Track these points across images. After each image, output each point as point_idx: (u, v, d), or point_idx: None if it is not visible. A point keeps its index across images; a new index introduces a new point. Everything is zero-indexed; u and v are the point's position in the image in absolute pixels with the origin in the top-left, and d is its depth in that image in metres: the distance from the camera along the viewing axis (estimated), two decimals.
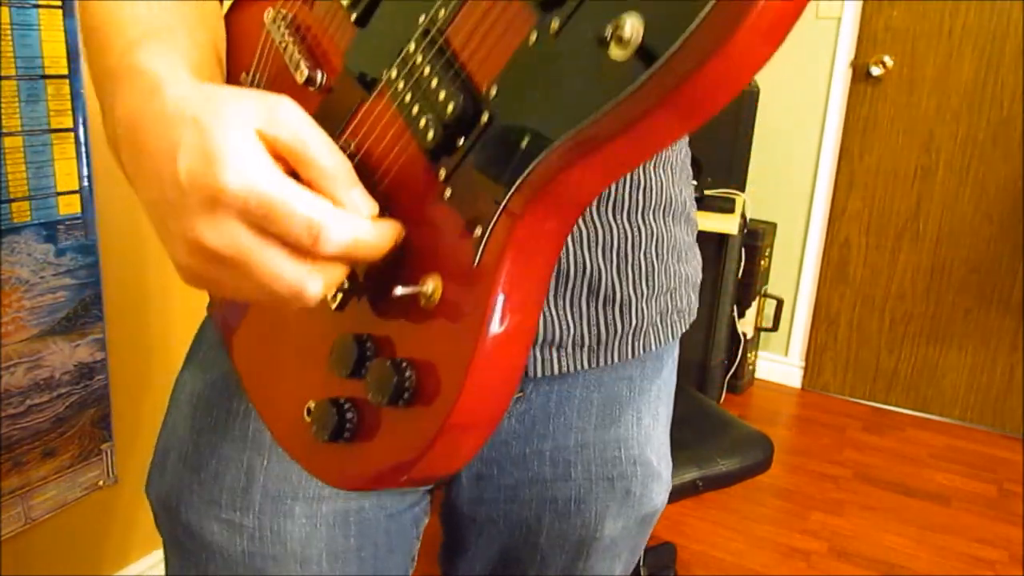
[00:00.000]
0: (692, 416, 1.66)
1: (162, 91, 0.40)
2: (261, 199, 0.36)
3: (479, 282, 0.37)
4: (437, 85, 0.38)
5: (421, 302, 0.39)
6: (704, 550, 2.01)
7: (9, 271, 1.28)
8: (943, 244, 2.71)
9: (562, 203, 0.37)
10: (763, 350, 3.02)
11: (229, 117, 0.37)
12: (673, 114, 0.30)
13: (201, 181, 0.36)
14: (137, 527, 1.63)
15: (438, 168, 0.39)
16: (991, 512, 2.25)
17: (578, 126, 0.32)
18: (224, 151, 0.36)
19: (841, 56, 2.70)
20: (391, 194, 0.41)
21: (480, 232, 0.37)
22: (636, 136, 0.32)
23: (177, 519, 0.60)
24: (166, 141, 0.38)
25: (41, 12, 1.26)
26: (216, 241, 0.37)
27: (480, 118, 0.37)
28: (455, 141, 0.38)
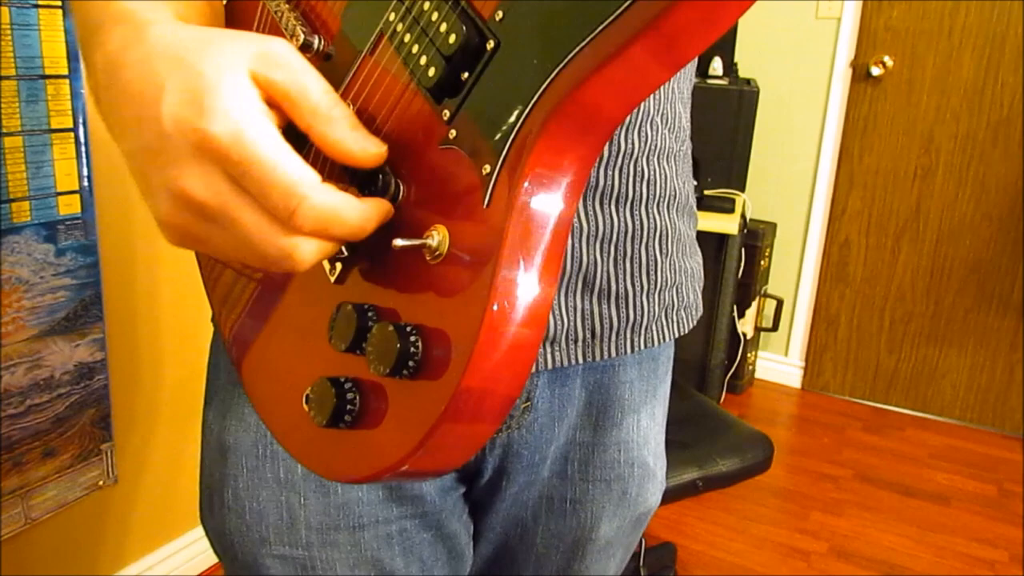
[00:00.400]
0: (692, 416, 1.66)
1: (147, 32, 0.37)
2: (244, 153, 0.34)
3: (490, 226, 0.34)
4: (438, 18, 0.36)
5: (427, 257, 0.37)
6: (704, 550, 2.01)
7: (9, 271, 1.28)
8: (943, 244, 2.71)
9: (579, 131, 0.34)
10: (763, 350, 3.02)
11: (220, 57, 0.35)
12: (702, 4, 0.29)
13: (185, 125, 0.34)
14: (137, 527, 1.63)
15: (441, 110, 0.37)
16: (991, 512, 2.25)
17: (601, 26, 0.30)
18: (212, 94, 0.34)
19: (841, 56, 2.70)
20: (393, 146, 0.39)
21: (489, 168, 0.34)
22: (661, 35, 0.29)
23: (234, 555, 0.62)
24: (150, 84, 0.35)
25: (41, 12, 1.26)
26: (200, 191, 0.35)
27: (486, 46, 0.35)
28: (459, 75, 0.36)
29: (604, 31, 0.30)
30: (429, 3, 0.37)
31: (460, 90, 0.36)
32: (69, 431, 1.43)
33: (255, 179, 0.34)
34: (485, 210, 0.34)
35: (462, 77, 0.36)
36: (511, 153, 0.34)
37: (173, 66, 0.35)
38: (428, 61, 0.37)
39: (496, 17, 0.34)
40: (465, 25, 0.35)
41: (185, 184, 0.35)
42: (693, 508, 2.13)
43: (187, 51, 0.35)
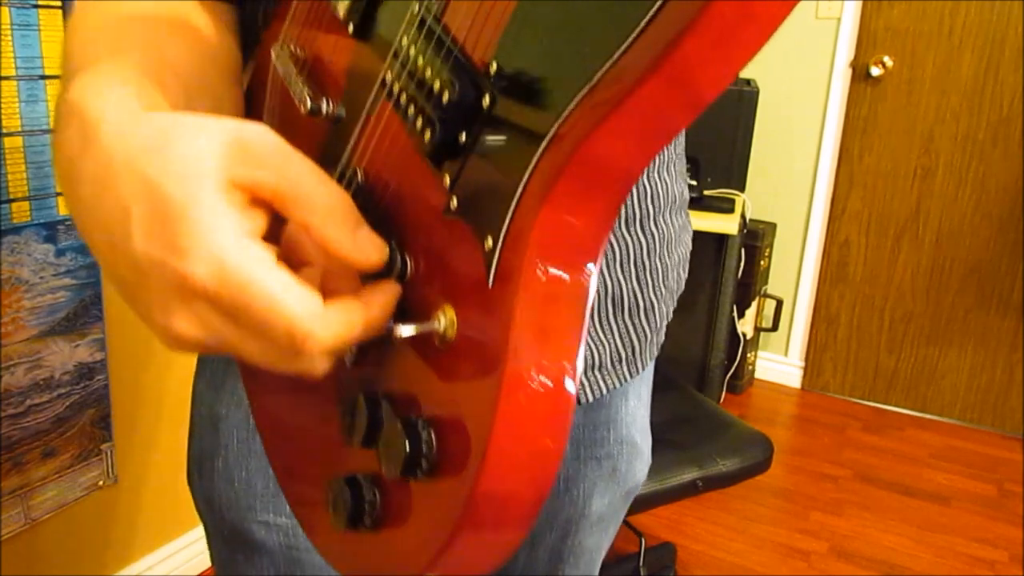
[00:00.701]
0: (692, 416, 1.66)
1: (98, 133, 0.32)
2: (232, 294, 0.29)
3: (497, 309, 0.30)
4: (432, 75, 0.33)
5: (436, 342, 0.33)
6: (704, 550, 2.01)
7: (9, 271, 1.28)
8: (943, 244, 2.71)
9: (591, 190, 0.30)
10: (763, 350, 3.02)
11: (186, 168, 0.30)
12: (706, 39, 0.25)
13: (161, 269, 0.30)
14: (137, 527, 1.63)
15: (443, 175, 0.33)
16: (991, 512, 2.25)
17: (598, 73, 0.26)
18: (184, 225, 0.29)
19: (841, 56, 2.70)
20: (398, 219, 0.35)
21: (491, 242, 0.30)
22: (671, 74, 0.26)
23: (222, 519, 0.64)
24: (115, 209, 0.31)
25: (41, 12, 1.26)
26: (193, 332, 0.31)
27: (481, 102, 0.31)
28: (457, 137, 0.32)
29: (607, 74, 0.26)
30: (422, 58, 0.34)
31: (459, 153, 0.32)
32: (69, 431, 1.43)
33: (251, 319, 0.30)
34: (491, 290, 0.30)
35: (460, 139, 0.32)
36: (514, 224, 0.29)
37: (134, 185, 0.30)
38: (424, 123, 0.33)
39: (491, 69, 0.31)
40: (458, 81, 0.31)
41: (176, 326, 0.31)
42: (693, 508, 2.13)
43: (147, 163, 0.30)
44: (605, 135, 0.27)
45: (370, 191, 0.37)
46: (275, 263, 0.31)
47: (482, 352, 0.30)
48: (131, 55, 0.40)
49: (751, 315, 2.76)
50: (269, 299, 0.30)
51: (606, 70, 0.26)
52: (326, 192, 0.32)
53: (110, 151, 0.31)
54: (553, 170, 0.28)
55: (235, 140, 0.31)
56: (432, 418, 0.33)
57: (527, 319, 0.29)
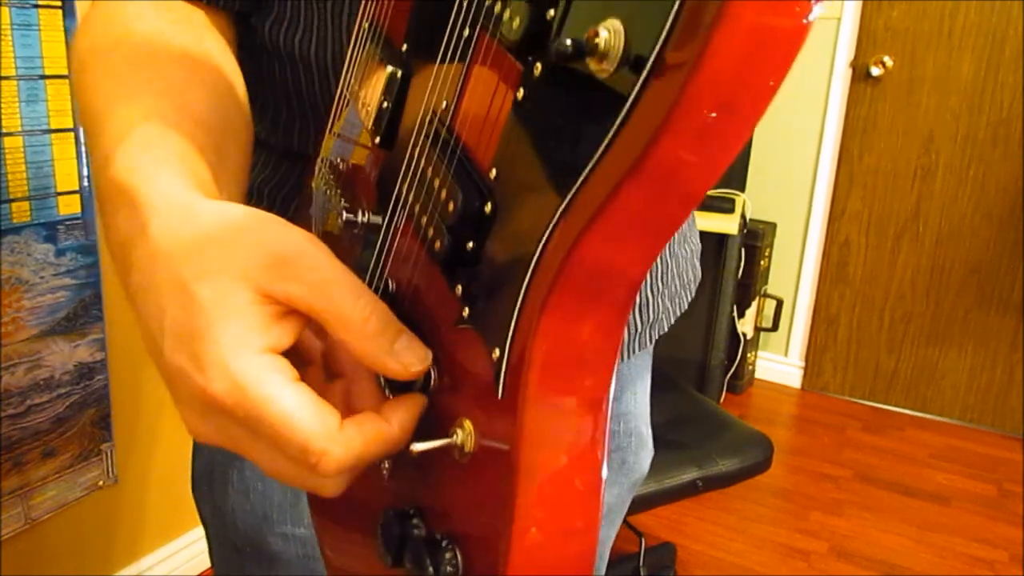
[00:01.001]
0: (692, 416, 1.66)
1: (148, 227, 0.33)
2: (248, 412, 0.30)
3: (508, 422, 0.29)
4: (439, 185, 0.33)
5: (455, 456, 0.32)
6: (704, 550, 2.01)
7: (9, 271, 1.28)
8: (943, 244, 2.71)
9: (591, 296, 0.29)
10: (763, 350, 3.02)
11: (222, 277, 0.30)
12: (683, 138, 0.25)
13: (186, 378, 0.31)
14: (137, 527, 1.63)
15: (454, 285, 0.32)
16: (991, 512, 2.25)
17: (582, 174, 0.26)
18: (207, 341, 0.30)
19: (841, 56, 2.70)
20: (421, 329, 0.35)
21: (499, 353, 0.29)
22: (650, 178, 0.25)
23: (236, 530, 0.62)
24: (154, 307, 0.32)
25: (41, 12, 1.26)
26: (212, 436, 0.32)
27: (484, 210, 0.31)
28: (464, 245, 0.31)
29: (591, 176, 0.26)
30: (431, 169, 0.34)
31: (468, 262, 0.32)
32: (69, 431, 1.43)
33: (267, 436, 0.30)
34: (501, 402, 0.30)
35: (467, 247, 0.31)
36: (518, 334, 0.29)
37: (171, 286, 0.31)
38: (434, 232, 0.33)
39: (492, 175, 0.31)
40: (463, 189, 0.31)
41: (197, 426, 0.32)
42: (693, 508, 2.13)
43: (186, 267, 0.31)
44: (597, 240, 0.27)
45: (399, 301, 0.37)
46: (293, 380, 0.31)
47: (499, 468, 0.30)
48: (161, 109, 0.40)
49: (751, 315, 2.76)
50: (284, 417, 0.30)
51: (588, 173, 0.26)
52: (361, 306, 0.31)
53: (156, 247, 0.32)
54: (549, 277, 0.28)
55: (273, 251, 0.31)
56: (459, 535, 0.32)
57: (535, 433, 0.29)
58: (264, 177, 0.59)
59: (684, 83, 0.23)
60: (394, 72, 0.39)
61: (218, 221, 0.32)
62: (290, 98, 0.55)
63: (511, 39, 0.29)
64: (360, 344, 0.32)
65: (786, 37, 0.24)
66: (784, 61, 0.24)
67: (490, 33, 0.31)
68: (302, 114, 0.55)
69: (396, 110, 0.39)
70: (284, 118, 0.56)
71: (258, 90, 0.56)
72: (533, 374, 0.28)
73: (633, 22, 0.24)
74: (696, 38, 0.22)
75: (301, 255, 0.31)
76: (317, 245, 0.32)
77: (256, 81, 0.56)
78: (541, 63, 0.28)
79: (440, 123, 0.34)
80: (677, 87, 0.23)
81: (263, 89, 0.55)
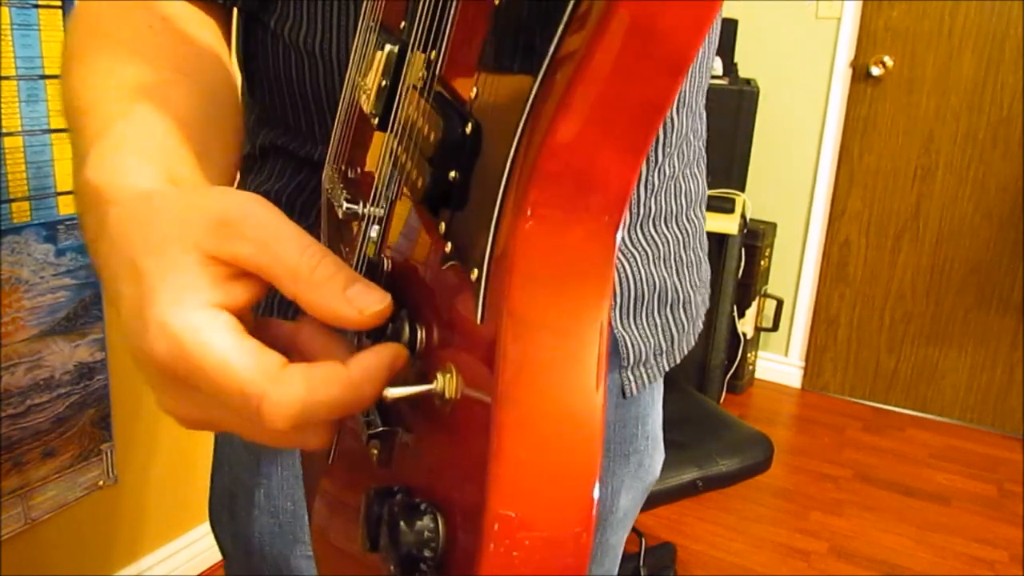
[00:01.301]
0: (692, 416, 1.66)
1: (107, 217, 0.33)
2: (189, 367, 0.29)
3: (487, 349, 0.26)
4: (423, 124, 0.31)
5: (437, 405, 0.29)
6: (704, 550, 2.01)
7: (9, 271, 1.28)
8: (943, 244, 2.71)
9: (574, 196, 0.26)
10: (763, 350, 3.02)
11: (165, 244, 0.30)
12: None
13: (139, 354, 0.30)
14: (137, 527, 1.63)
15: (438, 223, 0.30)
16: (991, 512, 2.25)
17: (551, 44, 0.24)
18: (150, 309, 0.29)
19: (841, 56, 2.70)
20: (410, 289, 0.33)
21: (477, 271, 0.26)
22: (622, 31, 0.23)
23: (262, 560, 0.60)
24: (116, 289, 0.32)
25: (41, 12, 1.26)
26: (180, 410, 0.32)
27: (465, 130, 0.29)
28: (447, 175, 0.29)
29: (560, 44, 0.24)
30: (415, 109, 0.33)
31: (451, 194, 0.30)
32: (69, 431, 1.43)
33: (208, 390, 0.29)
34: (482, 330, 0.26)
35: (450, 177, 0.29)
36: (497, 245, 0.26)
37: (124, 269, 0.31)
38: (417, 172, 0.31)
39: (471, 95, 0.29)
40: (443, 117, 0.30)
41: (163, 401, 0.32)
42: (693, 508, 2.13)
43: (133, 244, 0.31)
44: (572, 121, 0.24)
45: (393, 275, 0.35)
46: (234, 330, 0.30)
47: (479, 409, 0.26)
48: (142, 107, 0.40)
49: (751, 315, 2.76)
50: (219, 362, 0.29)
51: (558, 40, 0.24)
52: (308, 255, 0.30)
53: (113, 234, 0.32)
54: (526, 175, 0.25)
55: (217, 215, 0.30)
56: (441, 500, 0.28)
57: (518, 353, 0.25)
58: (281, 185, 0.59)
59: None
60: (391, 50, 0.39)
61: (169, 199, 0.32)
62: (307, 98, 0.55)
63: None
64: (310, 294, 0.30)
65: None
66: None
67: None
68: (319, 113, 0.55)
69: (393, 86, 0.38)
70: (301, 120, 0.56)
71: (272, 91, 0.56)
72: (514, 283, 0.25)
73: None
74: None
75: (245, 216, 0.30)
76: (263, 204, 0.31)
77: (269, 81, 0.56)
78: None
79: (431, 74, 0.33)
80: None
81: (277, 89, 0.55)
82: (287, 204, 0.58)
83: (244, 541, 0.61)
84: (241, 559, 0.62)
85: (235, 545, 0.62)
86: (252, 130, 0.60)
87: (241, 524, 0.60)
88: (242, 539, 0.61)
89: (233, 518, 0.61)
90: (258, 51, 0.56)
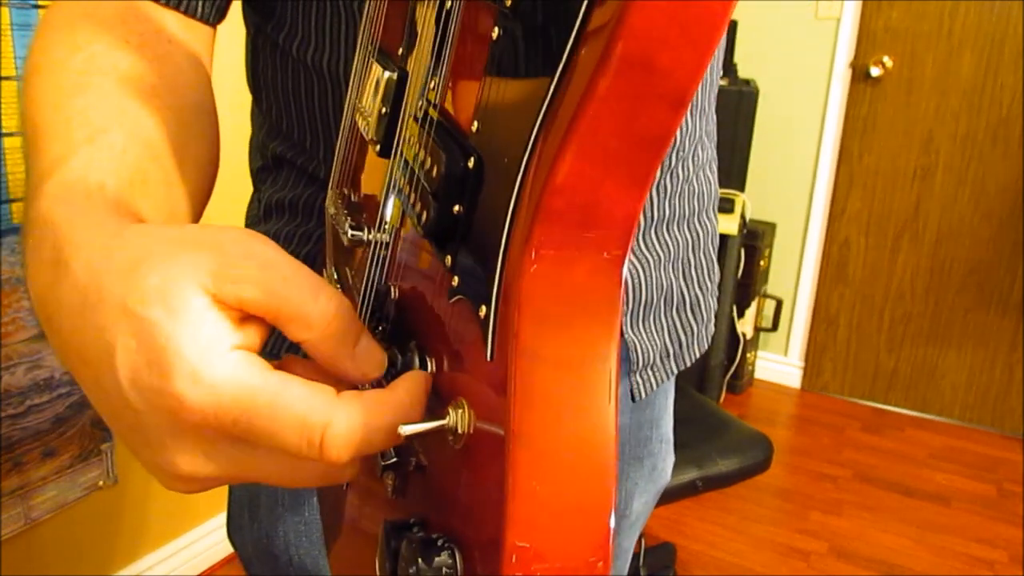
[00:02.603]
0: (692, 416, 1.66)
1: (71, 263, 0.29)
2: (234, 414, 0.27)
3: (498, 386, 0.26)
4: (425, 158, 0.31)
5: (450, 441, 0.29)
6: (703, 550, 2.01)
7: (9, 271, 1.28)
8: (943, 244, 2.71)
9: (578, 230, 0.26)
10: (763, 350, 3.02)
11: (168, 293, 0.27)
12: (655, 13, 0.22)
13: (153, 402, 0.27)
14: (137, 527, 1.63)
15: (444, 256, 0.30)
16: (991, 512, 2.25)
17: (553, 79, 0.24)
18: (173, 352, 0.27)
19: (840, 56, 2.70)
20: (418, 321, 0.33)
21: (486, 309, 0.27)
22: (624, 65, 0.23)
23: (288, 563, 0.58)
24: (94, 341, 0.28)
25: (41, 12, 1.26)
26: (197, 467, 0.28)
27: (468, 165, 0.29)
28: (451, 210, 0.29)
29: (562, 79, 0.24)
30: (418, 143, 0.32)
31: (456, 228, 0.29)
32: (69, 431, 1.43)
33: (262, 433, 0.27)
34: (493, 367, 0.26)
35: (455, 211, 0.29)
36: (504, 283, 0.26)
37: (114, 317, 0.27)
38: (422, 205, 0.31)
39: (473, 128, 0.29)
40: (446, 151, 0.30)
41: (181, 464, 0.28)
42: (693, 508, 2.13)
43: (125, 293, 0.27)
44: (576, 157, 0.24)
45: (401, 303, 0.35)
46: (269, 367, 0.28)
47: (493, 444, 0.26)
48: (107, 137, 0.37)
49: (751, 315, 2.76)
50: (273, 399, 0.27)
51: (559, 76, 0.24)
52: (322, 303, 0.29)
53: (84, 283, 0.29)
54: (531, 211, 0.25)
55: (217, 255, 0.28)
56: (458, 535, 0.28)
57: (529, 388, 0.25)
58: (296, 193, 0.59)
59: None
60: (390, 77, 0.39)
61: (150, 239, 0.30)
62: (313, 115, 0.55)
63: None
64: (323, 346, 0.29)
65: None
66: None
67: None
68: (325, 131, 0.55)
69: (394, 114, 0.38)
70: (307, 137, 0.56)
71: (279, 108, 0.56)
72: (523, 322, 0.25)
73: None
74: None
75: (248, 255, 0.28)
76: (264, 242, 0.29)
77: (277, 97, 0.56)
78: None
79: (430, 104, 0.33)
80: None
81: (285, 105, 0.55)
82: (305, 210, 0.58)
83: (267, 544, 0.59)
84: (265, 564, 0.60)
85: (257, 549, 0.60)
86: (263, 142, 0.60)
87: (264, 526, 0.58)
88: (265, 542, 0.59)
89: (255, 521, 0.59)
90: (267, 68, 0.56)
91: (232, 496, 0.62)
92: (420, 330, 0.33)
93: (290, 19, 0.53)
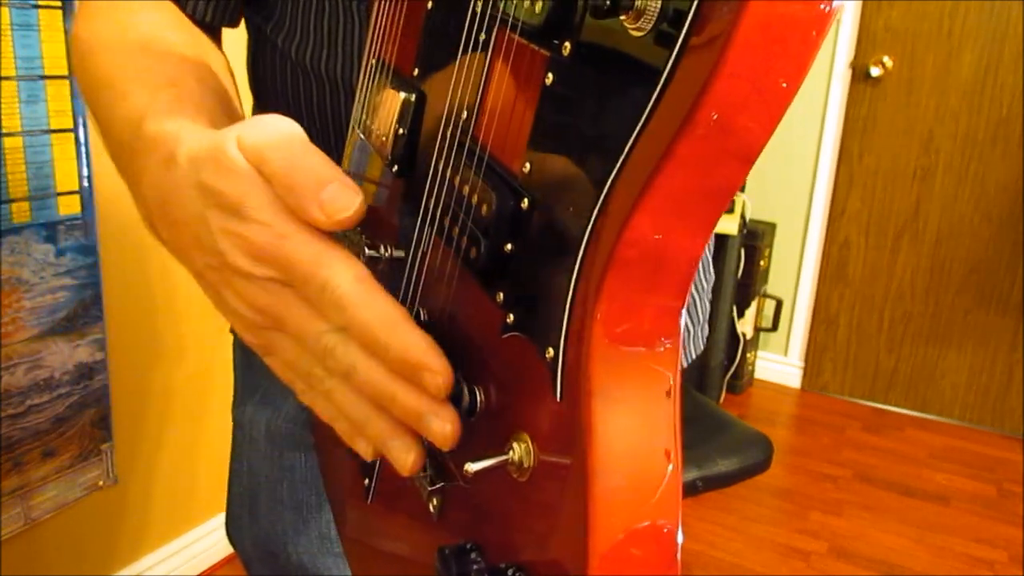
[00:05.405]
0: (692, 416, 1.66)
1: (176, 157, 0.37)
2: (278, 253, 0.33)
3: (570, 425, 0.27)
4: (469, 191, 0.32)
5: (514, 474, 0.30)
6: (704, 550, 2.01)
7: (9, 271, 1.28)
8: (943, 244, 2.71)
9: (649, 277, 0.27)
10: (762, 350, 3.02)
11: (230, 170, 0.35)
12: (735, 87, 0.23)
13: (233, 240, 0.34)
14: (137, 527, 1.63)
15: (495, 293, 0.31)
16: (991, 512, 2.25)
17: (625, 147, 0.25)
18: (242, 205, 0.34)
19: (840, 56, 2.70)
20: (461, 351, 0.34)
21: (553, 351, 0.28)
22: (701, 137, 0.24)
23: (287, 561, 0.59)
24: (194, 208, 0.36)
25: (41, 12, 1.26)
26: (266, 299, 0.35)
27: (521, 206, 0.30)
28: (502, 248, 0.30)
29: (635, 147, 0.24)
30: (459, 179, 0.34)
31: (508, 266, 0.31)
32: (69, 431, 1.43)
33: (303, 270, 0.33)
34: (560, 404, 0.28)
35: (506, 249, 0.31)
36: (572, 326, 0.27)
37: (201, 192, 0.36)
38: (469, 241, 0.32)
39: (525, 170, 0.30)
40: (495, 190, 0.31)
41: (247, 291, 0.35)
42: (693, 508, 2.13)
43: (211, 171, 0.36)
44: (651, 214, 0.25)
45: (434, 329, 0.36)
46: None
47: (567, 478, 0.28)
48: (179, 90, 0.45)
49: (751, 315, 2.76)
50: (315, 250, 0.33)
51: (632, 143, 0.25)
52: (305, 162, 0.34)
53: (187, 167, 0.36)
54: (602, 262, 0.26)
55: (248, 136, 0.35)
56: (526, 562, 0.30)
57: (604, 431, 0.26)
58: None
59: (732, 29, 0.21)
60: (407, 98, 0.39)
61: (216, 136, 0.36)
62: (312, 117, 0.55)
63: (534, 24, 0.29)
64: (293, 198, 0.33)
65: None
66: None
67: (509, 27, 0.31)
68: (323, 133, 0.55)
69: (413, 136, 0.39)
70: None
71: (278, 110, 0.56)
72: (595, 367, 0.26)
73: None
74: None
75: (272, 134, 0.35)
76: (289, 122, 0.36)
77: (276, 99, 0.56)
78: (570, 41, 0.28)
79: (463, 133, 0.34)
80: (725, 35, 0.22)
81: (284, 107, 0.56)
82: None
83: (267, 542, 0.59)
84: (264, 563, 0.60)
85: (257, 548, 0.60)
86: None
87: (263, 524, 0.59)
88: (264, 540, 0.59)
89: (255, 519, 0.60)
90: (266, 70, 0.57)
91: (231, 501, 0.62)
92: (464, 361, 0.34)
93: (289, 20, 0.53)
